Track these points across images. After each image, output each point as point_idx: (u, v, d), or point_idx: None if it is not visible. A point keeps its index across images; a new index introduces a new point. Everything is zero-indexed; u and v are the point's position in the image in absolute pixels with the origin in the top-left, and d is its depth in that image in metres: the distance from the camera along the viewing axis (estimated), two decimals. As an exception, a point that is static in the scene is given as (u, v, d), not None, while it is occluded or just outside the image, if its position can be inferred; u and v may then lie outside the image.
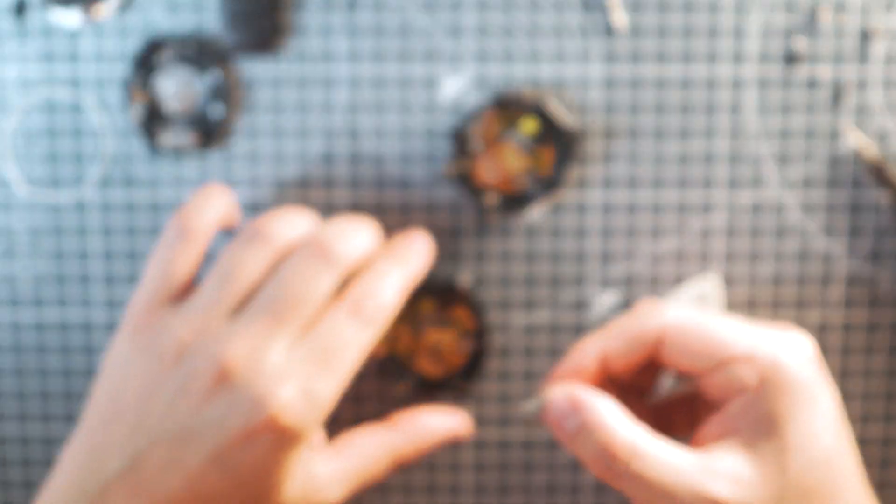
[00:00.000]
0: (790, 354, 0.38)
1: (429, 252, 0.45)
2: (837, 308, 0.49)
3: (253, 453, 0.37)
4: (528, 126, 0.47)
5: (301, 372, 0.38)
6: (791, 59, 0.48)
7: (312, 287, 0.40)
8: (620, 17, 0.47)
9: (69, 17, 0.47)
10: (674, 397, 0.44)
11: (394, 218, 0.49)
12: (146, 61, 0.47)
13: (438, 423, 0.45)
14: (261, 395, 0.37)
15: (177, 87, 0.48)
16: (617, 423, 0.37)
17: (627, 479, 0.36)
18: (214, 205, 0.44)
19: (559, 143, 0.47)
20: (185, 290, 0.42)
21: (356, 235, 0.43)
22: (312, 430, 0.39)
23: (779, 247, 0.49)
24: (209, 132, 0.48)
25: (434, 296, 0.48)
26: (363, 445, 0.43)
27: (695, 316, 0.40)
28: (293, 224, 0.43)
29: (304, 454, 0.40)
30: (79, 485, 0.37)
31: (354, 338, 0.40)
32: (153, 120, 0.48)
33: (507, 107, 0.47)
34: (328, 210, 0.48)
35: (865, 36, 0.47)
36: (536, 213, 0.49)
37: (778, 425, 0.37)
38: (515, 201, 0.48)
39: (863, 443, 0.49)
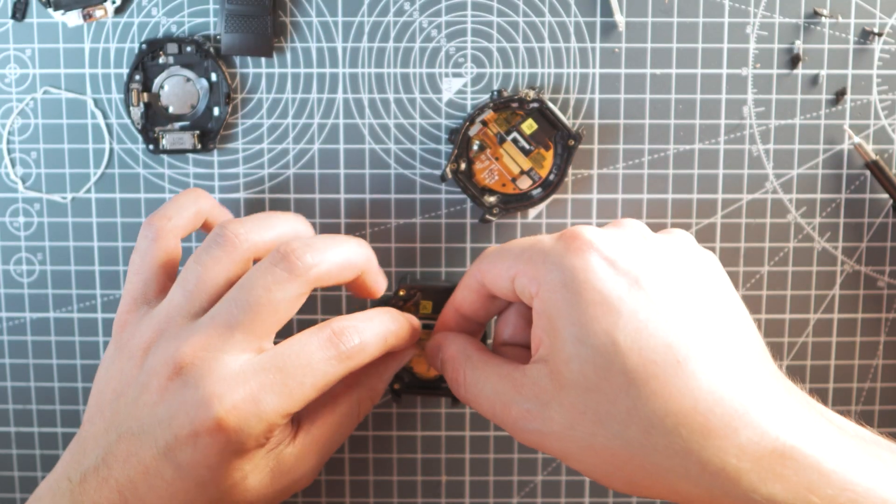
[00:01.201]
0: (558, 252, 0.37)
1: (416, 335, 0.44)
2: (836, 308, 0.49)
3: (203, 452, 0.37)
4: (528, 126, 0.47)
5: (254, 381, 0.37)
6: (791, 59, 0.48)
7: (273, 295, 0.38)
8: (620, 18, 0.47)
9: (69, 17, 0.47)
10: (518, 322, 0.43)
11: (394, 218, 0.49)
12: (146, 62, 0.47)
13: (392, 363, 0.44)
14: (209, 395, 0.37)
15: (176, 87, 0.48)
16: (457, 358, 0.41)
17: (468, 402, 0.40)
18: (185, 206, 0.44)
19: (559, 143, 0.47)
20: (164, 290, 0.42)
21: (329, 249, 0.41)
22: (258, 441, 0.38)
23: (778, 247, 0.49)
24: (209, 132, 0.48)
25: (433, 296, 0.48)
26: (327, 418, 0.42)
27: (495, 249, 0.41)
28: (262, 228, 0.42)
29: (260, 453, 0.39)
30: (67, 473, 0.38)
31: (320, 367, 0.39)
32: (153, 120, 0.48)
33: (507, 107, 0.47)
34: (329, 210, 0.48)
35: (865, 36, 0.47)
36: (535, 213, 0.49)
37: (553, 326, 0.37)
38: (515, 201, 0.48)
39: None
